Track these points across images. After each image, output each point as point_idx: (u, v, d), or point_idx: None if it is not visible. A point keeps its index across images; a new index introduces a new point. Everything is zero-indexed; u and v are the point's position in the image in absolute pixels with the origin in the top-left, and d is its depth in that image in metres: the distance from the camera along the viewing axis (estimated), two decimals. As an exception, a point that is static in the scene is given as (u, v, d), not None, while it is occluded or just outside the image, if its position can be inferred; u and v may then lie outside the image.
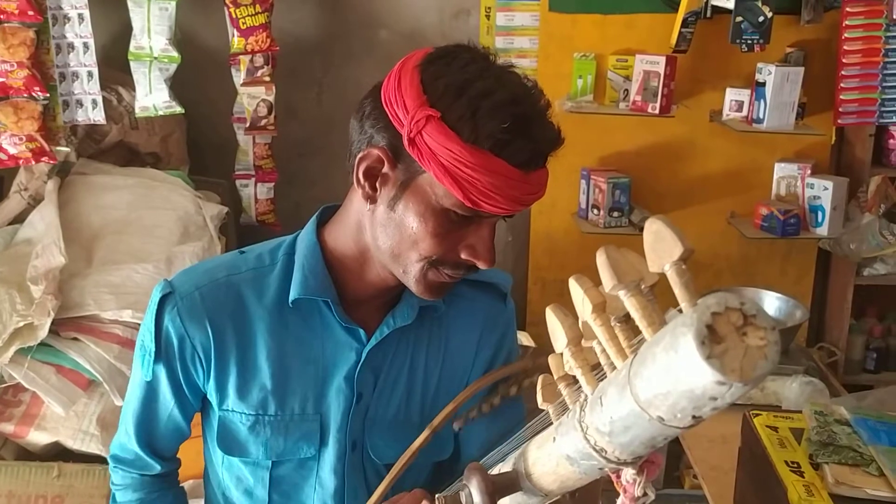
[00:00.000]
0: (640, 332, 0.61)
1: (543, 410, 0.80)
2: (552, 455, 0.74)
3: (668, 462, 2.79)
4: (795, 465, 1.34)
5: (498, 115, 0.88)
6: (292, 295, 1.04)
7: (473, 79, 0.90)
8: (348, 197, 1.05)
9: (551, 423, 0.78)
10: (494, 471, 0.89)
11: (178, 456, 1.22)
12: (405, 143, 0.91)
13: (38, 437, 2.14)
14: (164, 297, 1.05)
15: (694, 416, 0.55)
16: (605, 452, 0.65)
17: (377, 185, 0.97)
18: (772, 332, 0.51)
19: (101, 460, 2.15)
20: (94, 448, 2.14)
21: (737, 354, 0.50)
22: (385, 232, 0.99)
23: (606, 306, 0.65)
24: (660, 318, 0.60)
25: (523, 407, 1.18)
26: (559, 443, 0.72)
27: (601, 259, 0.63)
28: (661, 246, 0.58)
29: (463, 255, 0.97)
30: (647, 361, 0.56)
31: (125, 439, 1.16)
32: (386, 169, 0.95)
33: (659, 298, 0.62)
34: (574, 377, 0.71)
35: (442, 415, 1.08)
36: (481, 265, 0.98)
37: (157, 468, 1.17)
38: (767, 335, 0.51)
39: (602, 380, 0.66)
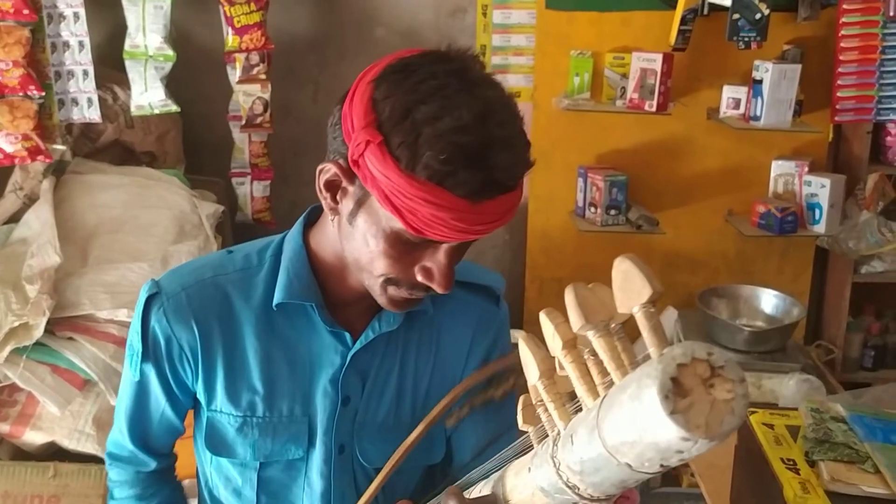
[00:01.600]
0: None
1: (526, 433, 0.79)
2: (528, 485, 0.73)
3: (665, 460, 2.78)
4: (791, 463, 1.34)
5: (438, 144, 0.81)
6: (276, 299, 1.03)
7: (422, 100, 0.83)
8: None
9: (531, 447, 0.77)
10: (476, 490, 0.89)
11: (174, 451, 1.22)
12: (350, 163, 0.88)
13: (33, 437, 2.14)
14: (150, 297, 1.05)
15: (662, 465, 0.54)
16: (578, 489, 0.64)
17: (338, 197, 0.94)
18: (740, 385, 0.50)
19: (96, 460, 2.14)
20: (89, 448, 2.13)
21: (702, 409, 0.48)
22: (348, 243, 0.96)
23: (578, 341, 0.64)
24: (630, 357, 0.58)
25: (515, 389, 1.17)
26: (534, 474, 0.71)
27: (569, 297, 0.62)
28: (629, 286, 0.57)
29: (418, 277, 0.93)
30: (615, 407, 0.55)
31: (119, 437, 1.16)
32: (345, 184, 0.92)
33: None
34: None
35: (437, 408, 1.07)
36: (436, 289, 0.93)
37: (153, 465, 1.17)
38: (735, 388, 0.49)
39: (577, 412, 0.65)
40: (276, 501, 1.12)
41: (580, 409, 0.64)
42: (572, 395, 0.66)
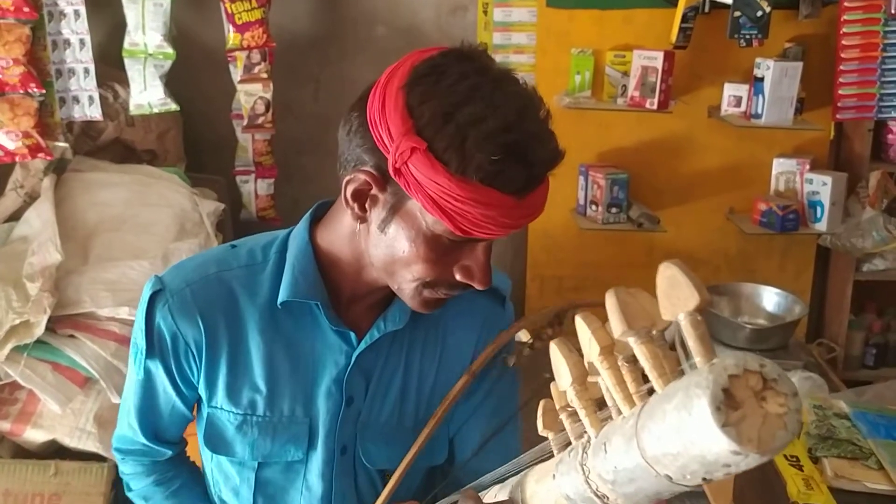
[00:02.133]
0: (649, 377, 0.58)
1: (545, 438, 0.77)
2: (551, 492, 0.71)
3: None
4: (794, 459, 1.34)
5: (488, 145, 0.82)
6: (281, 297, 1.02)
7: (462, 102, 0.83)
8: (339, 201, 1.00)
9: (551, 453, 0.75)
10: (490, 494, 0.88)
11: (184, 437, 1.22)
12: (391, 172, 0.87)
13: (34, 435, 2.13)
14: (154, 293, 1.03)
15: (704, 479, 0.52)
16: (608, 499, 0.62)
17: (366, 205, 0.93)
18: (793, 399, 0.48)
19: (98, 458, 2.14)
20: (90, 446, 2.13)
21: (754, 423, 0.47)
22: (377, 250, 0.95)
23: (615, 347, 0.62)
24: (671, 365, 0.57)
25: (517, 387, 1.16)
26: (559, 481, 0.69)
27: (611, 301, 0.60)
28: (675, 293, 0.55)
29: (458, 276, 0.94)
30: (657, 417, 0.53)
31: (130, 433, 1.15)
32: (374, 191, 0.91)
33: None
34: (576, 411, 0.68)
35: (444, 404, 1.05)
36: (477, 286, 0.94)
37: (168, 453, 1.17)
38: (788, 402, 0.48)
39: (607, 421, 0.63)
40: (272, 503, 1.12)
41: (609, 418, 0.63)
42: (600, 404, 0.65)
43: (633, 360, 0.61)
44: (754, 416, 0.47)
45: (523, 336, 1.10)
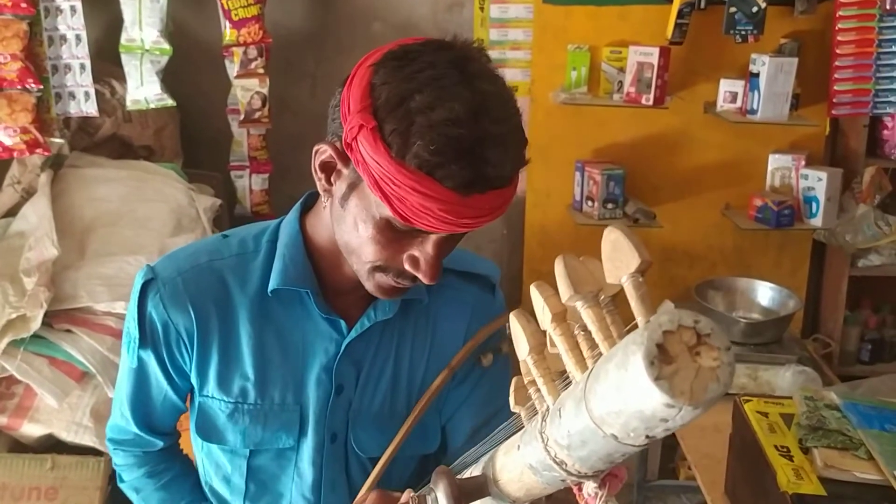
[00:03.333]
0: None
1: (517, 414, 0.78)
2: (517, 463, 0.72)
3: (662, 453, 2.79)
4: (785, 450, 1.35)
5: (429, 134, 0.81)
6: (272, 285, 1.03)
7: (418, 89, 0.82)
8: None
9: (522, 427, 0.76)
10: (467, 473, 0.89)
11: (177, 429, 1.22)
12: (343, 146, 0.88)
13: (31, 430, 2.14)
14: (146, 283, 1.04)
15: (647, 436, 0.53)
16: (566, 465, 0.63)
17: (332, 179, 0.94)
18: (726, 353, 0.49)
19: (94, 452, 2.15)
20: (87, 440, 2.14)
21: (687, 376, 0.48)
22: (339, 227, 0.96)
23: (569, 312, 0.63)
24: (618, 328, 0.58)
25: (509, 375, 1.17)
26: (523, 451, 0.70)
27: (559, 267, 0.61)
28: (618, 256, 0.56)
29: (406, 266, 0.93)
30: (601, 377, 0.54)
31: (123, 423, 1.16)
32: (339, 166, 0.92)
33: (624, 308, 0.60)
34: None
35: (429, 392, 1.06)
36: (422, 279, 0.93)
37: (160, 444, 1.18)
38: (721, 356, 0.49)
39: (565, 389, 0.64)
40: (264, 490, 1.12)
41: (570, 386, 0.64)
42: (563, 375, 0.66)
43: (587, 329, 0.62)
44: (687, 370, 0.48)
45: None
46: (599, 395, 0.54)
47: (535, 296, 0.65)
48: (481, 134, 0.82)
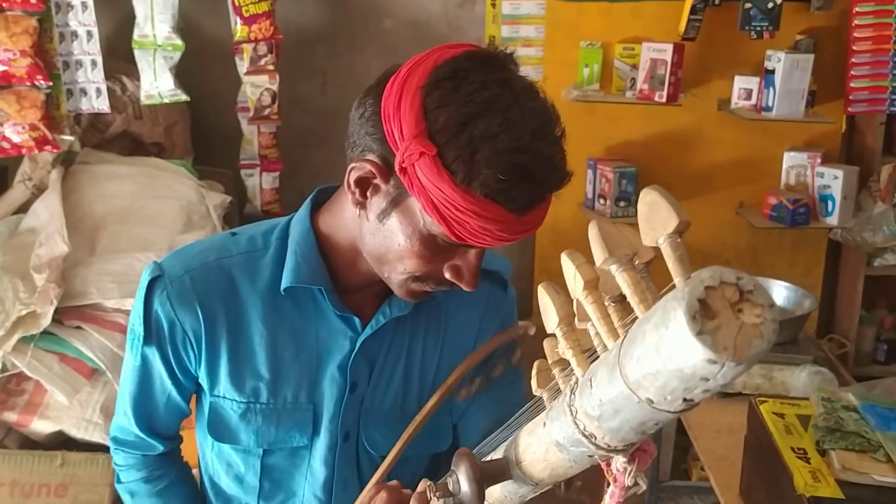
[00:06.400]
0: (634, 312, 0.57)
1: (539, 398, 0.77)
2: (542, 441, 0.71)
3: (675, 454, 2.77)
4: (802, 452, 1.32)
5: (498, 162, 0.82)
6: (284, 283, 1.01)
7: (478, 114, 0.83)
8: (341, 188, 1.01)
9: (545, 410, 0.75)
10: (487, 458, 0.87)
11: (179, 433, 1.21)
12: (397, 170, 0.87)
13: (41, 426, 2.14)
14: (153, 280, 1.03)
15: (685, 399, 0.51)
16: (595, 438, 0.62)
17: (368, 193, 0.93)
18: (769, 310, 0.48)
19: (104, 449, 2.14)
20: (97, 437, 2.14)
21: (730, 332, 0.47)
22: (373, 239, 0.95)
23: (600, 284, 0.62)
24: (653, 294, 0.57)
25: (522, 381, 1.15)
26: (549, 428, 0.69)
27: (593, 232, 0.60)
28: (655, 217, 0.55)
29: (446, 275, 0.94)
30: (637, 339, 0.53)
31: (125, 422, 1.14)
32: (378, 181, 0.91)
33: (658, 277, 0.59)
34: (567, 360, 0.68)
35: (439, 393, 1.05)
36: (464, 287, 0.94)
37: (160, 448, 1.16)
38: (765, 312, 0.47)
39: (594, 362, 0.63)
40: (279, 488, 1.11)
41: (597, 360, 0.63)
42: (591, 351, 0.65)
43: (619, 300, 0.61)
44: (730, 326, 0.47)
45: (531, 330, 1.10)
46: (636, 359, 0.52)
47: (567, 263, 0.64)
48: (540, 157, 0.85)
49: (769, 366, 2.22)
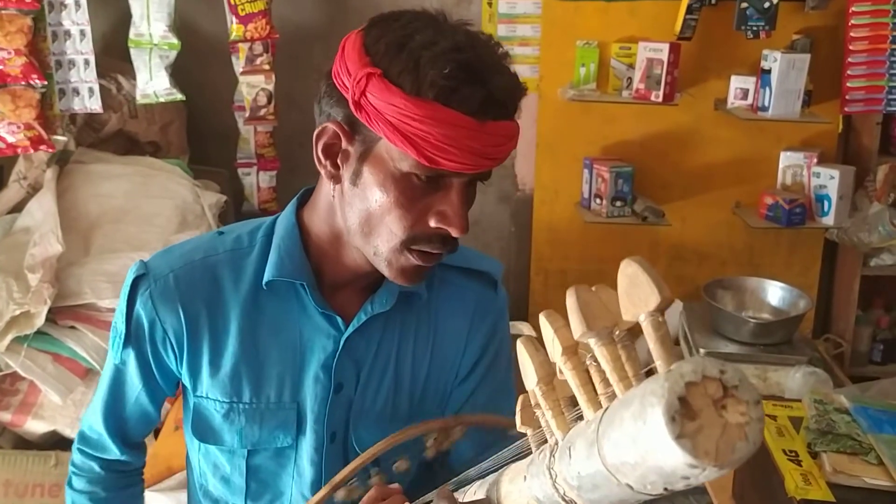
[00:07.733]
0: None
1: (524, 435, 0.74)
2: (523, 493, 0.69)
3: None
4: (793, 454, 1.32)
5: (440, 62, 0.85)
6: (266, 276, 1.01)
7: (414, 32, 0.87)
8: (319, 180, 1.02)
9: (530, 449, 0.72)
10: (470, 492, 0.86)
11: (144, 446, 1.19)
12: (352, 107, 0.88)
13: (35, 426, 2.14)
14: (137, 278, 1.03)
15: (666, 489, 0.49)
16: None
17: (338, 162, 0.94)
18: (754, 408, 0.45)
19: (98, 449, 2.14)
20: (91, 437, 2.13)
21: (712, 434, 0.44)
22: (352, 210, 0.95)
23: (581, 345, 0.59)
24: (634, 369, 0.54)
25: (512, 372, 1.13)
26: (529, 483, 0.67)
27: (570, 301, 0.57)
28: (636, 293, 0.53)
29: (432, 224, 0.92)
30: (616, 424, 0.50)
31: (94, 418, 1.14)
32: (344, 144, 0.92)
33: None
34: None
35: (350, 467, 0.97)
36: (453, 232, 0.92)
37: (116, 453, 1.14)
38: (749, 410, 0.45)
39: (577, 419, 0.60)
40: (265, 488, 1.11)
41: (581, 417, 0.60)
42: (574, 400, 0.62)
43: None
44: (712, 427, 0.44)
45: (460, 431, 1.04)
46: (613, 443, 0.50)
47: (545, 326, 0.61)
48: (483, 59, 0.87)
49: (764, 367, 2.22)
